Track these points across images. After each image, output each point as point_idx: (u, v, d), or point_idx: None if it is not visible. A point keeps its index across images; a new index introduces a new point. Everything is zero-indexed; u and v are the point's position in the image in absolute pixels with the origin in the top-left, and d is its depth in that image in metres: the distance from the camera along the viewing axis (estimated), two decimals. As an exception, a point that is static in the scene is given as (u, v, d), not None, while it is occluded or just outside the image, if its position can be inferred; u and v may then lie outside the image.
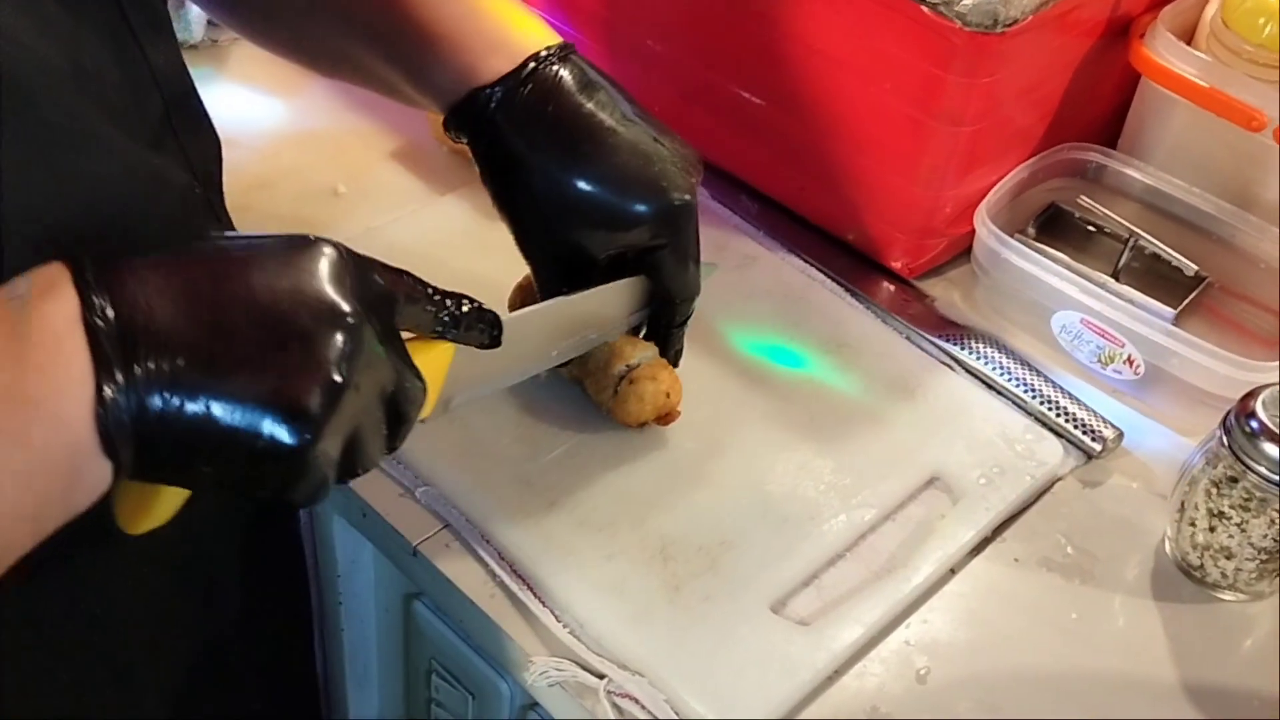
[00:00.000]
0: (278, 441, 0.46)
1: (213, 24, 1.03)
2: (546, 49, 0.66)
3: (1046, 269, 0.80)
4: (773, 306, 0.85)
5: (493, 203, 0.69)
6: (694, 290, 0.71)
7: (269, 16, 0.72)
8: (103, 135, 0.54)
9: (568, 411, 0.75)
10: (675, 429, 0.74)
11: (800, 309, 0.85)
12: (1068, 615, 0.69)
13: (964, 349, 0.82)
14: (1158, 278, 0.83)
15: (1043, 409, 0.79)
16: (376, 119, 0.98)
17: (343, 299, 0.48)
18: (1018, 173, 0.85)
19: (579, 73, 0.66)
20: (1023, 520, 0.74)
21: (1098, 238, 0.86)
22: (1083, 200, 0.87)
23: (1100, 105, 0.91)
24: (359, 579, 0.82)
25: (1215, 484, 0.67)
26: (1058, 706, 0.65)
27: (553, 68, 0.66)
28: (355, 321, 0.48)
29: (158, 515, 0.50)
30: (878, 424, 0.77)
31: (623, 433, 0.74)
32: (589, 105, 0.66)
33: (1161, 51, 0.84)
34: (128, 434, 0.45)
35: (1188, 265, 0.83)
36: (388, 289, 0.52)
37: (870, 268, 0.89)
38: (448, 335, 0.56)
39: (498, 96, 0.66)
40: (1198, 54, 0.83)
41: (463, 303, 0.56)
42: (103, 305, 0.45)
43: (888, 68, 0.79)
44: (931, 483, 0.74)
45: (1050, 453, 0.76)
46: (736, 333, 0.82)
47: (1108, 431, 0.78)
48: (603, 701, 0.63)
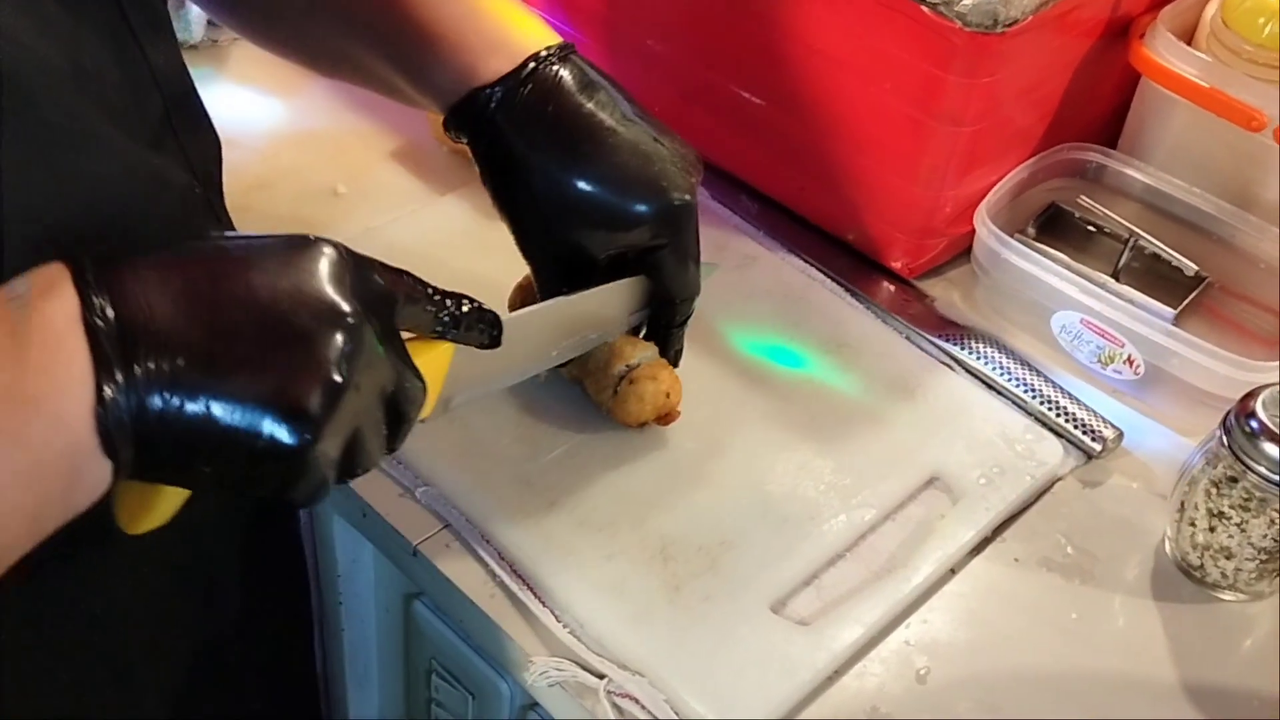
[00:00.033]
0: (278, 441, 0.46)
1: (213, 24, 1.03)
2: (547, 49, 0.66)
3: (1046, 269, 0.80)
4: (773, 306, 0.85)
5: (492, 203, 0.69)
6: (694, 290, 0.71)
7: (269, 16, 0.72)
8: (103, 135, 0.54)
9: (568, 411, 0.75)
10: (675, 429, 0.74)
11: (800, 309, 0.85)
12: (1068, 615, 0.69)
13: (964, 349, 0.82)
14: (1158, 278, 0.83)
15: (1043, 409, 0.79)
16: (376, 119, 0.98)
17: (343, 299, 0.48)
18: (1018, 173, 0.85)
19: (579, 73, 0.66)
20: (1023, 520, 0.74)
21: (1098, 238, 0.86)
22: (1083, 200, 0.87)
23: (1100, 105, 0.91)
24: (359, 579, 0.82)
25: (1215, 484, 0.67)
26: (1058, 706, 0.65)
27: (553, 68, 0.66)
28: (355, 321, 0.48)
29: (158, 515, 0.51)
30: (878, 424, 0.77)
31: (623, 433, 0.74)
32: (589, 105, 0.66)
33: (1161, 51, 0.84)
34: (128, 434, 0.45)
35: (1188, 265, 0.83)
36: (388, 289, 0.52)
37: (870, 268, 0.89)
38: (448, 335, 0.56)
39: (498, 96, 0.66)
40: (1198, 54, 0.83)
41: (463, 303, 0.56)
42: (103, 305, 0.45)
43: (888, 68, 0.79)
44: (931, 482, 0.74)
45: (1050, 453, 0.76)
46: (736, 333, 0.82)
47: (1108, 431, 0.78)
48: (603, 701, 0.63)
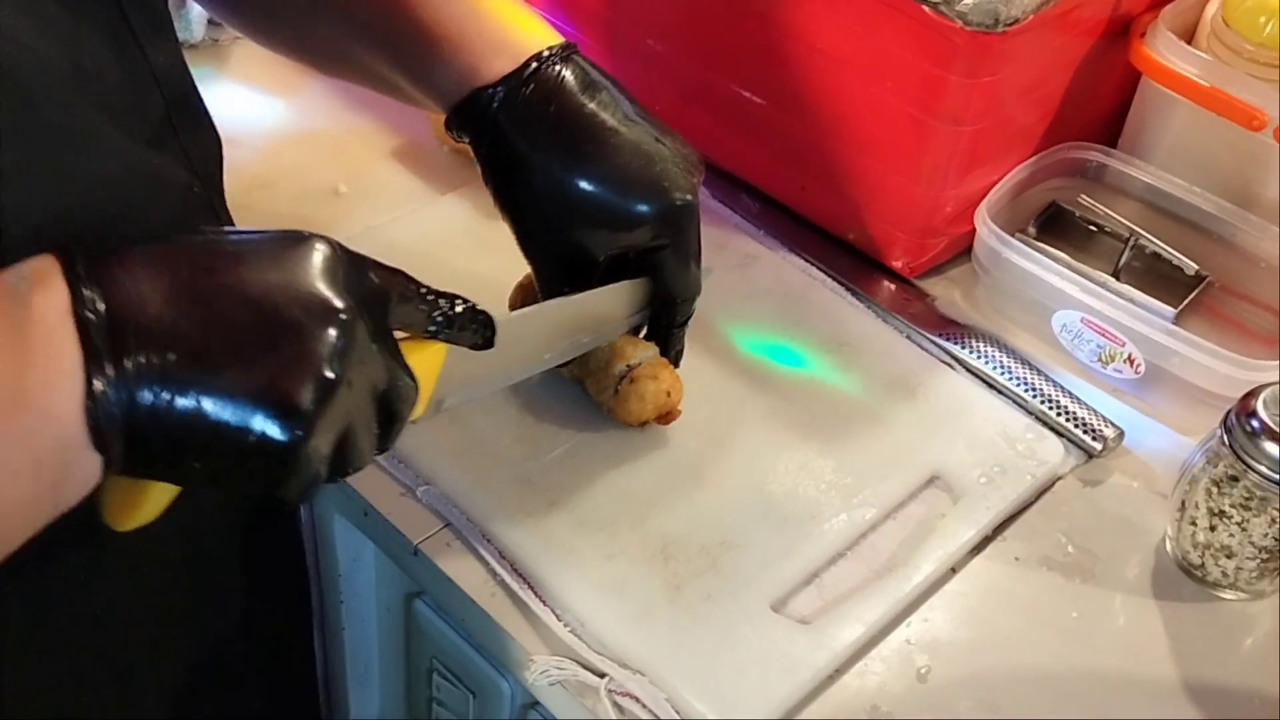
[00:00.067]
0: (269, 438, 0.46)
1: (214, 23, 1.03)
2: (549, 49, 0.66)
3: (1047, 268, 0.80)
4: (773, 306, 0.85)
5: (494, 202, 0.69)
6: (695, 290, 0.71)
7: (271, 16, 0.72)
8: (102, 135, 0.54)
9: (568, 411, 0.75)
10: (676, 428, 0.74)
11: (801, 308, 0.85)
12: (1068, 614, 0.69)
13: (965, 348, 0.82)
14: (1158, 277, 0.83)
15: (1043, 408, 0.79)
16: (377, 118, 0.98)
17: (335, 295, 0.48)
18: (1018, 172, 0.85)
19: (581, 73, 0.66)
20: (1023, 519, 0.74)
21: (1098, 237, 0.86)
22: (1083, 199, 0.87)
23: (1101, 104, 0.91)
24: (360, 578, 0.82)
25: (1216, 483, 0.67)
26: (1058, 705, 0.65)
27: (555, 68, 0.66)
28: (348, 317, 0.48)
29: (146, 512, 0.50)
30: (878, 423, 0.77)
31: (624, 432, 0.74)
32: (591, 105, 0.66)
33: (1162, 51, 0.84)
34: (118, 428, 0.44)
35: (1188, 264, 0.83)
36: (381, 287, 0.51)
37: (871, 267, 0.89)
38: (441, 335, 0.56)
39: (500, 96, 0.66)
40: (1198, 53, 0.83)
41: (456, 303, 0.55)
42: (93, 298, 0.44)
43: (889, 67, 0.79)
44: (932, 482, 0.74)
45: (1051, 452, 0.76)
46: (737, 332, 0.82)
47: (1108, 430, 0.78)
48: (604, 700, 0.63)
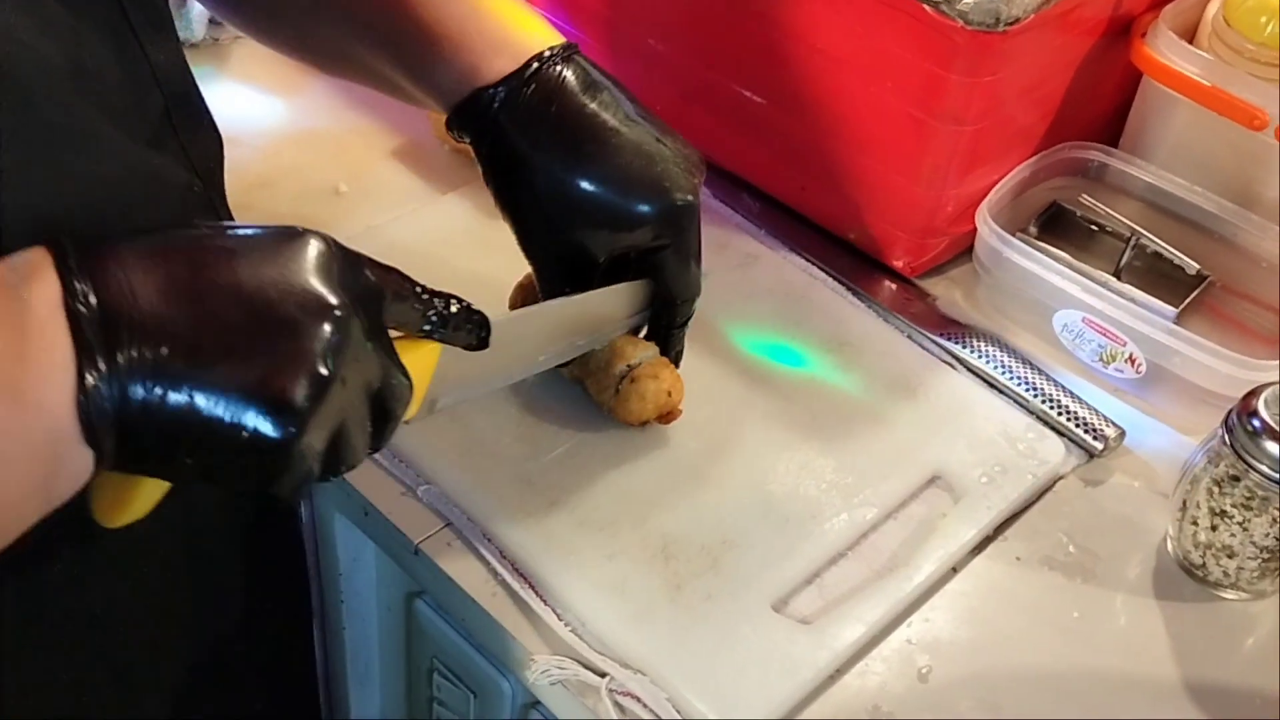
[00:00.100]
0: (261, 434, 0.46)
1: (214, 22, 1.03)
2: (550, 49, 0.66)
3: (1048, 268, 0.80)
4: (774, 305, 0.85)
5: (495, 203, 0.69)
6: (695, 291, 0.71)
7: (273, 15, 0.72)
8: (102, 135, 0.54)
9: (569, 411, 0.75)
10: (677, 428, 0.74)
11: (802, 308, 0.85)
12: (1069, 614, 0.69)
13: (966, 348, 0.82)
14: (1159, 276, 0.83)
15: (1044, 408, 0.79)
16: (378, 118, 0.98)
17: (330, 291, 0.48)
18: (1019, 171, 0.85)
19: (582, 73, 0.66)
20: (1024, 519, 0.74)
21: (1099, 236, 0.86)
22: (1084, 199, 0.87)
23: (1102, 104, 0.91)
24: (361, 578, 0.82)
25: (1217, 482, 0.67)
26: (1059, 705, 0.65)
27: (556, 68, 0.66)
28: (343, 314, 0.48)
29: (136, 509, 0.50)
30: (879, 423, 0.77)
31: (624, 432, 0.74)
32: (592, 105, 0.66)
33: (1163, 50, 0.84)
34: (110, 423, 0.44)
35: (1189, 264, 0.83)
36: (376, 284, 0.51)
37: (872, 267, 0.89)
38: (435, 335, 0.55)
39: (501, 96, 0.66)
40: (1199, 53, 0.83)
41: (451, 302, 0.55)
42: (85, 291, 0.44)
43: (889, 67, 0.79)
44: (933, 481, 0.74)
45: (1052, 451, 0.76)
46: (738, 332, 0.82)
47: (1109, 430, 0.78)
48: (604, 700, 0.63)
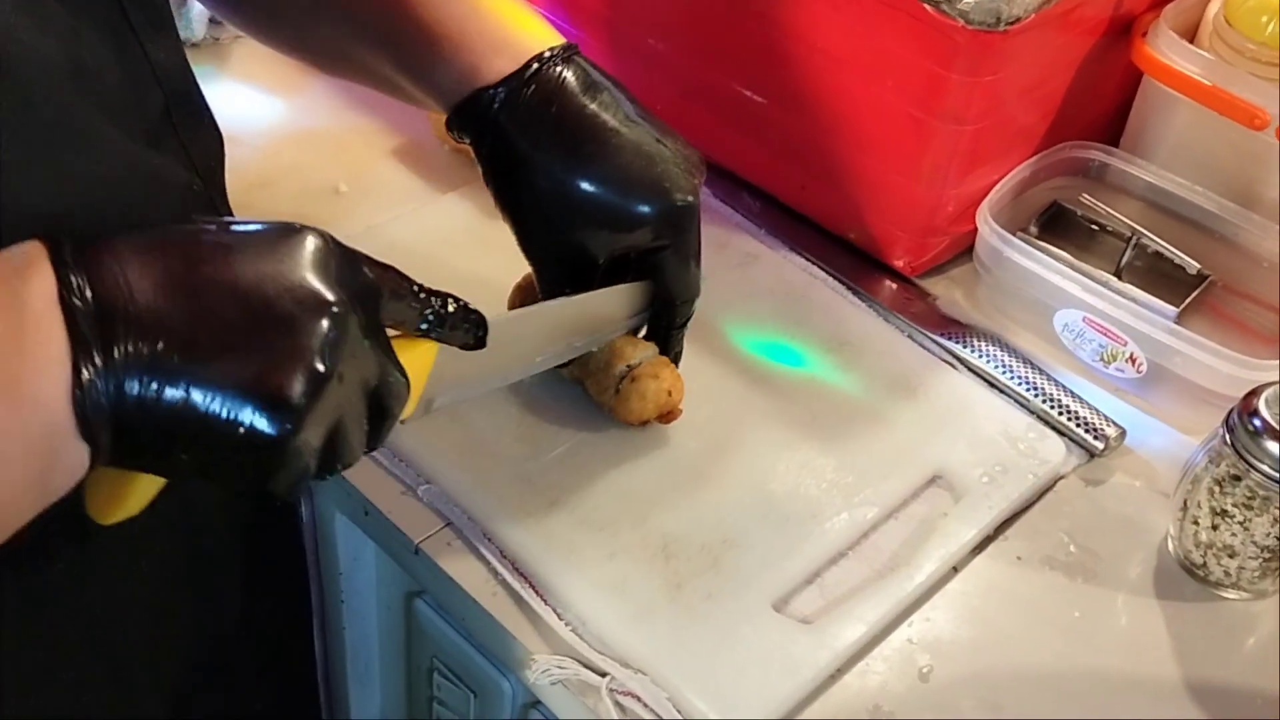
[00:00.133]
0: (258, 430, 0.45)
1: (215, 22, 1.03)
2: (550, 49, 0.66)
3: (1049, 267, 0.80)
4: (774, 305, 0.85)
5: (495, 203, 0.69)
6: (695, 291, 0.71)
7: (273, 15, 0.72)
8: (102, 134, 0.54)
9: (569, 410, 0.75)
10: (677, 428, 0.74)
11: (802, 307, 0.85)
12: (1070, 614, 0.69)
13: (966, 347, 0.82)
14: (1160, 276, 0.83)
15: (1045, 407, 0.79)
16: (378, 117, 0.98)
17: (328, 288, 0.48)
18: (1020, 171, 0.85)
19: (582, 74, 0.66)
20: (1025, 519, 0.74)
21: (1100, 236, 0.86)
22: (1085, 199, 0.87)
23: (1103, 104, 0.91)
24: (361, 577, 0.82)
25: (1218, 482, 0.67)
26: (1060, 705, 0.65)
27: (556, 68, 0.66)
28: (340, 310, 0.47)
29: (130, 505, 0.49)
30: (880, 422, 0.77)
31: (624, 431, 0.74)
32: (592, 106, 0.66)
33: (1164, 50, 0.84)
34: (106, 418, 0.44)
35: (1190, 264, 0.83)
36: (374, 282, 0.51)
37: (872, 266, 0.89)
38: (432, 334, 0.55)
39: (501, 97, 0.66)
40: (1200, 52, 0.83)
41: (448, 301, 0.55)
42: (81, 285, 0.44)
43: (890, 66, 0.79)
44: (934, 481, 0.74)
45: (1053, 451, 0.76)
46: (738, 331, 0.82)
47: (1110, 430, 0.77)
48: (605, 700, 0.63)
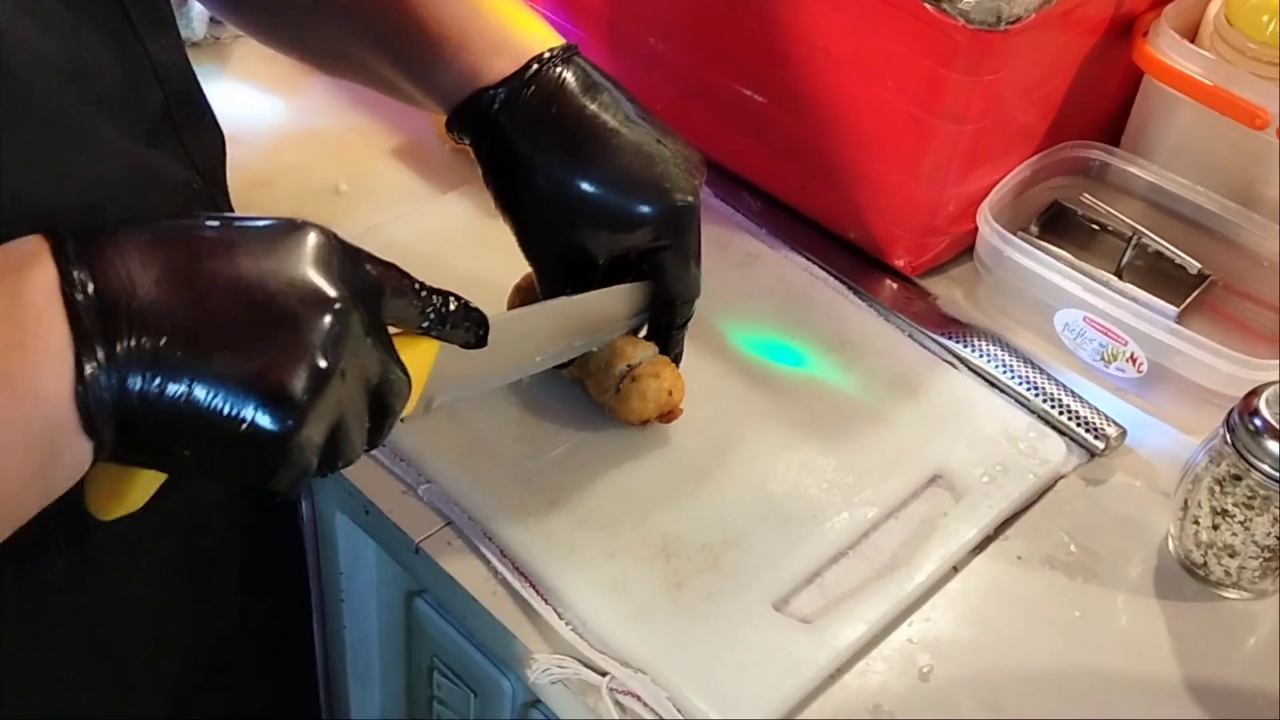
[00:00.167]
0: (260, 427, 0.45)
1: (215, 22, 1.03)
2: (550, 50, 0.66)
3: (1049, 267, 0.80)
4: (775, 305, 0.85)
5: (495, 203, 0.69)
6: (695, 292, 0.71)
7: (273, 15, 0.72)
8: (102, 133, 0.54)
9: (569, 410, 0.75)
10: (677, 427, 0.74)
11: (802, 307, 0.85)
12: (1070, 613, 0.69)
13: (967, 347, 0.82)
14: (1161, 276, 0.83)
15: (1045, 407, 0.78)
16: (378, 117, 0.98)
17: (330, 284, 0.48)
18: (1020, 171, 0.85)
19: (582, 74, 0.66)
20: (1025, 518, 0.74)
21: (1101, 236, 0.86)
22: (1086, 198, 0.87)
23: (1103, 103, 0.91)
24: (361, 576, 0.82)
25: (1219, 482, 0.67)
26: (1060, 705, 0.65)
27: (556, 69, 0.66)
28: (342, 307, 0.47)
29: (131, 501, 0.49)
30: (880, 422, 0.77)
31: (625, 431, 0.74)
32: (592, 107, 0.66)
33: (1165, 49, 0.84)
34: (109, 413, 0.44)
35: (1191, 263, 0.83)
36: (376, 279, 0.51)
37: (872, 266, 0.89)
38: (433, 332, 0.55)
39: (501, 97, 0.66)
40: (1201, 52, 0.83)
41: (450, 300, 0.55)
42: (83, 279, 0.44)
43: (890, 66, 0.79)
44: (934, 480, 0.74)
45: (1053, 451, 0.76)
46: (738, 331, 0.82)
47: (1111, 429, 0.77)
48: (605, 699, 0.63)
